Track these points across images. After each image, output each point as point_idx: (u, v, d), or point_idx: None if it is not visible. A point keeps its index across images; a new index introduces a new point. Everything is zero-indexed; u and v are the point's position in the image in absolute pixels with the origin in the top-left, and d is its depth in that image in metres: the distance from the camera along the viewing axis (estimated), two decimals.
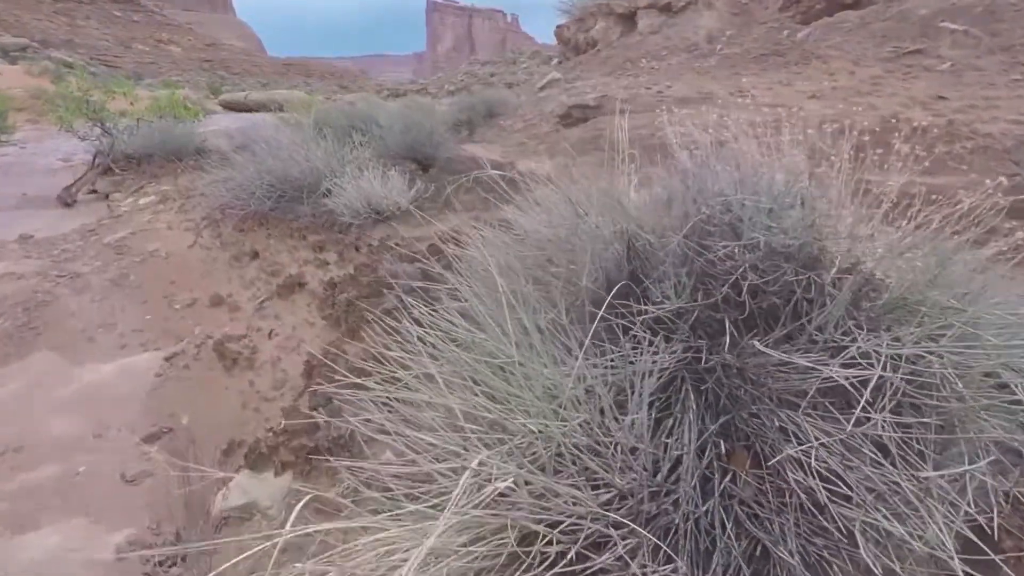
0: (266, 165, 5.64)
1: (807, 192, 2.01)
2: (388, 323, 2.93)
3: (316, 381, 2.76)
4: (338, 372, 2.84)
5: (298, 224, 5.09)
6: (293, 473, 2.38)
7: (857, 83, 9.85)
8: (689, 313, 1.77)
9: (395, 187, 4.95)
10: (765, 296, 1.75)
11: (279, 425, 2.57)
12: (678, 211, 2.15)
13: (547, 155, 12.12)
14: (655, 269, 1.89)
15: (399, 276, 3.49)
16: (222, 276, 5.26)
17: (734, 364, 1.65)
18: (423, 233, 4.68)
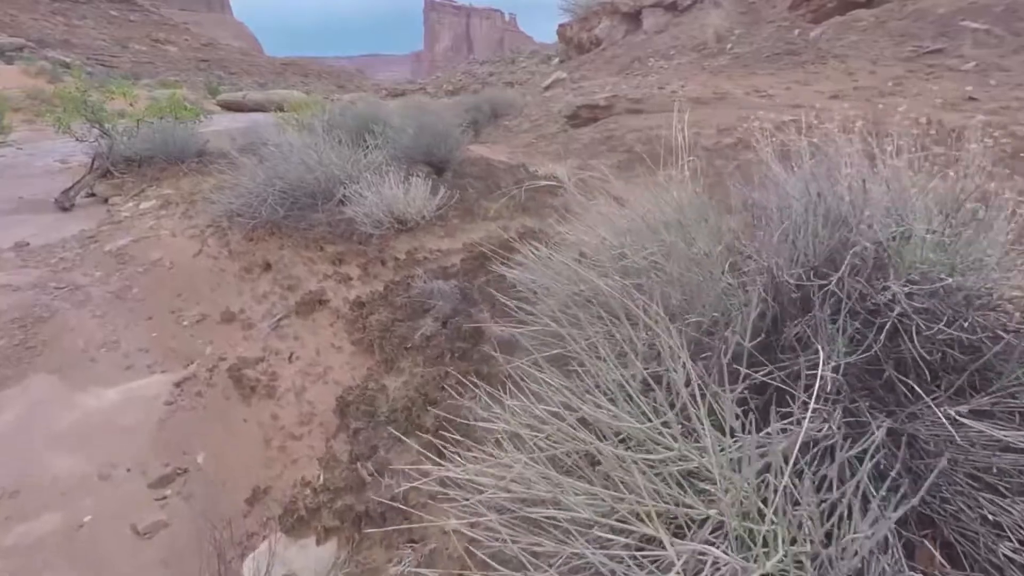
0: (277, 170, 5.30)
1: (981, 216, 1.67)
2: (430, 353, 2.59)
3: (352, 421, 2.42)
4: (379, 413, 2.51)
5: (314, 234, 4.75)
6: (339, 541, 2.05)
7: (879, 83, 9.55)
8: (848, 370, 1.44)
9: (419, 194, 4.61)
10: (937, 346, 1.42)
11: (317, 479, 2.23)
12: (804, 242, 1.81)
13: (558, 156, 11.78)
14: (802, 315, 1.54)
15: (435, 296, 3.15)
16: (232, 289, 4.91)
17: (908, 431, 1.32)
18: (451, 245, 4.34)
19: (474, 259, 3.70)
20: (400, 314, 2.97)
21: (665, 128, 10.09)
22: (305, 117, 12.69)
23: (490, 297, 3.11)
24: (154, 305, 5.05)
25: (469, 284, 3.27)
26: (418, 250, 4.08)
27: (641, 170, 9.52)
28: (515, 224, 4.75)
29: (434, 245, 4.24)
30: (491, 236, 4.38)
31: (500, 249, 3.95)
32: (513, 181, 6.84)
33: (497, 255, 3.82)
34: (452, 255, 4.05)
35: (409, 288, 3.29)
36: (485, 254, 3.76)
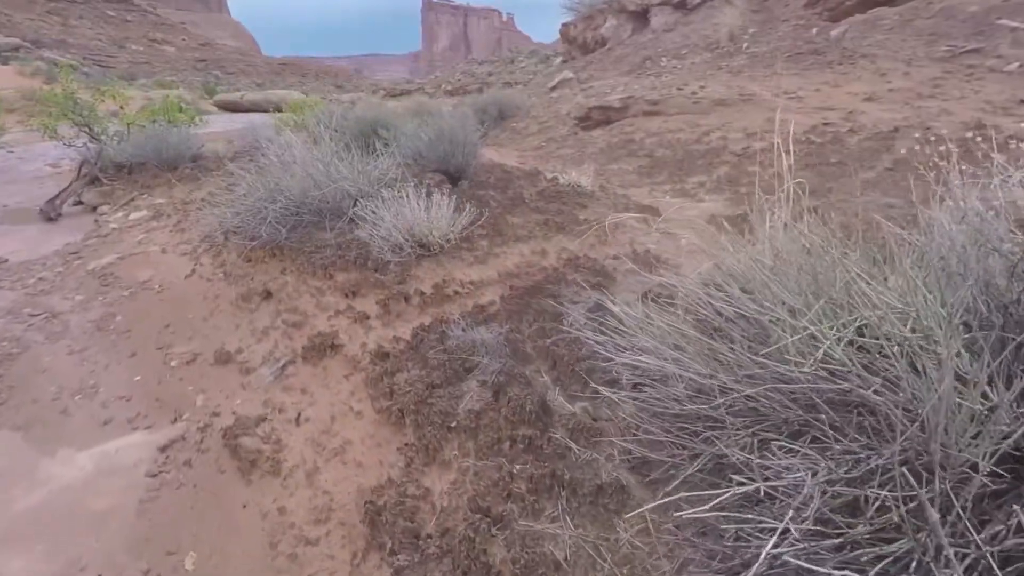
0: (278, 184, 4.65)
1: None
2: (483, 439, 1.97)
3: (387, 539, 1.80)
4: (424, 534, 1.88)
5: (321, 258, 4.11)
6: None
7: (915, 85, 8.95)
8: None
9: (443, 213, 3.97)
10: None
11: None
12: None
13: (573, 161, 11.14)
14: None
15: (478, 350, 2.52)
16: (228, 320, 4.27)
17: None
18: (484, 274, 3.71)
19: (517, 296, 3.08)
20: (436, 376, 2.36)
21: (687, 131, 9.38)
22: (305, 119, 12.03)
23: (548, 353, 2.49)
24: (139, 338, 4.41)
25: (518, 332, 2.65)
26: (447, 283, 3.45)
27: (665, 176, 8.89)
28: (552, 247, 4.13)
29: (464, 275, 3.61)
30: (529, 263, 3.75)
31: (547, 283, 3.33)
32: (536, 191, 6.21)
33: (544, 291, 3.20)
34: (488, 289, 3.42)
35: (444, 338, 2.66)
36: (530, 289, 3.14)
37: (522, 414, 1.94)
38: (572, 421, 1.91)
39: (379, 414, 2.46)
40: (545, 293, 3.03)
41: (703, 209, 6.98)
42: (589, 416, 1.98)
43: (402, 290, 3.39)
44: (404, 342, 2.91)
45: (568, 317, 2.66)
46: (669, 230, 5.93)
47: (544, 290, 3.07)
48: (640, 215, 6.19)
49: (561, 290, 3.03)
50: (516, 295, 3.10)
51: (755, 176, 7.44)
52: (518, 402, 1.96)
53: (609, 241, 4.47)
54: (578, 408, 2.03)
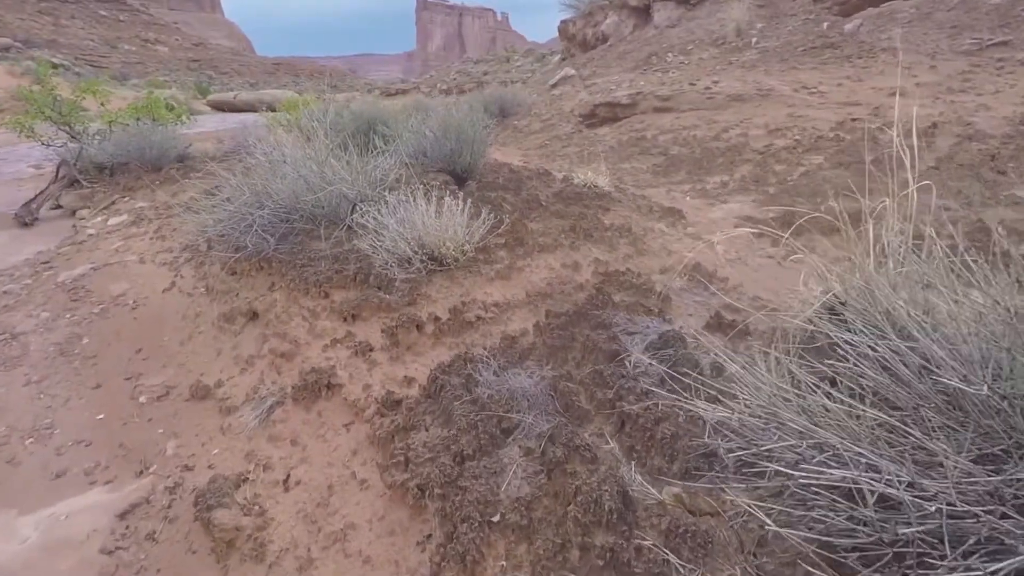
0: (266, 187, 4.06)
1: None
2: (540, 546, 1.41)
3: None
4: None
5: (315, 273, 3.52)
6: None
7: (943, 79, 8.42)
8: None
9: (457, 220, 3.39)
10: None
11: None
12: None
13: (582, 160, 10.56)
14: None
15: (516, 404, 1.94)
16: (208, 345, 3.68)
17: None
18: (510, 293, 3.12)
19: (557, 324, 2.50)
20: (465, 441, 1.78)
21: (703, 128, 8.74)
22: (299, 117, 11.41)
23: (612, 408, 1.92)
24: (106, 366, 3.80)
25: (566, 377, 2.07)
26: (467, 305, 2.86)
27: (683, 175, 8.31)
28: (583, 258, 3.55)
29: (486, 295, 3.03)
30: (561, 279, 3.18)
31: (590, 307, 2.74)
32: (551, 193, 5.63)
33: (588, 318, 2.62)
34: (516, 313, 2.84)
35: (470, 383, 2.08)
36: (572, 316, 2.56)
37: (597, 511, 1.37)
38: (665, 519, 1.35)
39: (391, 489, 1.88)
40: (590, 321, 2.46)
41: (729, 211, 6.42)
42: (685, 507, 1.42)
43: (412, 315, 2.80)
44: (419, 386, 2.33)
45: (628, 356, 2.09)
46: (699, 234, 5.37)
47: (588, 317, 2.50)
48: (667, 218, 5.63)
49: (609, 316, 2.47)
50: (555, 324, 2.52)
51: (783, 176, 6.89)
52: (590, 494, 1.39)
53: (645, 250, 3.90)
54: (668, 495, 1.47)
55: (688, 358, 2.07)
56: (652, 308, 2.66)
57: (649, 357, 2.08)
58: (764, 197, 6.52)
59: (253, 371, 3.17)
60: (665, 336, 2.23)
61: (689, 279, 3.34)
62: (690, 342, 2.26)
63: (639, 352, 2.14)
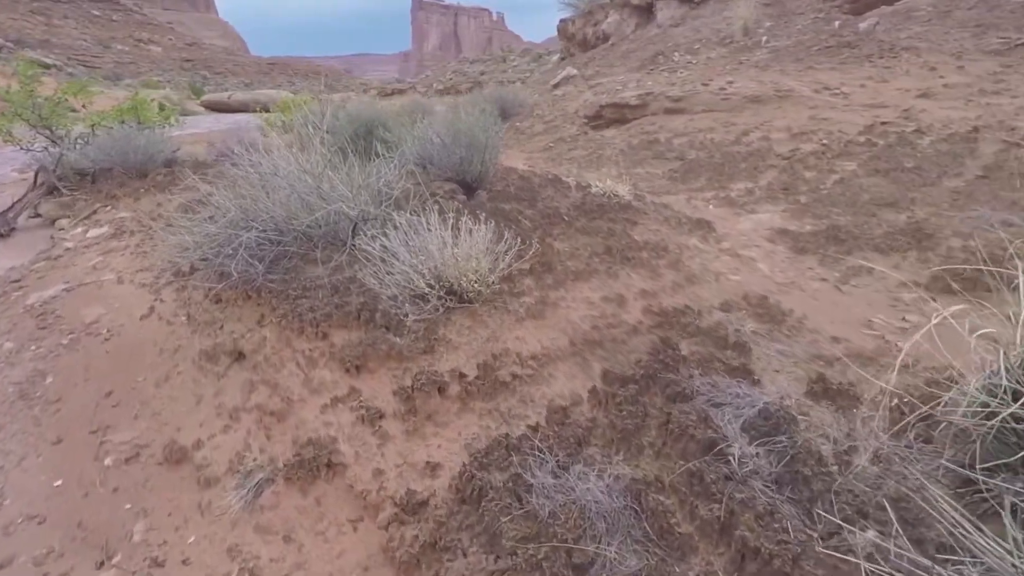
0: (255, 204, 3.52)
1: None
2: None
3: None
4: None
5: (311, 307, 2.99)
6: None
7: (973, 80, 7.95)
8: None
9: (477, 244, 2.86)
10: None
11: None
12: None
13: (591, 164, 10.04)
14: None
15: (587, 526, 1.43)
16: (187, 389, 3.14)
17: None
18: (547, 339, 2.60)
19: (621, 393, 1.97)
20: (509, 556, 1.27)
21: (720, 131, 8.15)
22: (294, 120, 10.84)
23: (719, 529, 1.41)
24: (71, 413, 3.26)
25: (650, 481, 1.56)
26: (498, 358, 2.34)
27: (703, 182, 7.77)
28: (624, 287, 3.03)
29: (518, 340, 2.50)
30: (606, 318, 2.66)
31: (659, 365, 2.22)
32: (570, 204, 5.12)
33: (658, 381, 2.10)
34: (560, 367, 2.32)
35: (519, 489, 1.56)
36: (638, 380, 2.04)
37: None
38: None
39: None
40: (664, 387, 1.95)
41: (758, 222, 5.92)
42: None
43: (432, 371, 2.27)
44: (447, 478, 1.81)
45: (729, 445, 1.58)
46: (735, 250, 4.86)
47: (658, 380, 2.00)
48: (698, 232, 5.12)
49: (685, 379, 1.96)
50: (618, 391, 2.00)
51: (814, 183, 6.40)
52: None
53: (692, 276, 3.38)
54: None
55: (808, 449, 1.57)
56: (733, 364, 2.15)
57: (756, 445, 1.58)
58: (796, 207, 6.02)
59: (238, 429, 2.64)
60: (767, 412, 1.72)
61: (755, 316, 2.83)
62: (800, 418, 1.75)
63: (738, 434, 1.63)
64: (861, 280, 4.10)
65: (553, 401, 2.09)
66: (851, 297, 3.79)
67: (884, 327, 3.27)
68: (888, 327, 3.27)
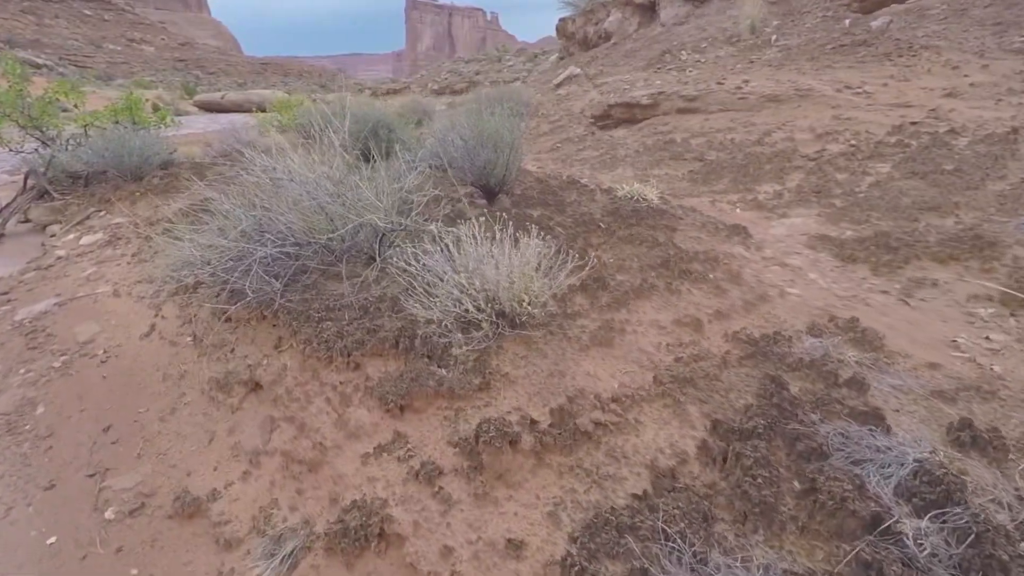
0: (269, 215, 3.15)
1: None
2: None
3: None
4: None
5: (338, 330, 2.62)
6: None
7: (999, 79, 7.67)
8: None
9: (529, 261, 2.50)
10: None
11: None
12: None
13: (601, 164, 9.69)
14: None
15: None
16: (196, 423, 2.77)
17: None
18: (622, 372, 2.24)
19: (738, 447, 1.61)
20: None
21: (740, 131, 7.75)
22: (294, 119, 10.41)
23: None
24: (65, 451, 2.88)
25: (807, 573, 1.21)
26: (575, 401, 1.96)
27: (726, 184, 7.42)
28: (693, 307, 2.68)
29: (590, 376, 2.14)
30: (685, 347, 2.30)
31: (773, 409, 1.86)
32: (600, 209, 4.77)
33: (775, 430, 1.75)
34: (647, 410, 1.95)
35: None
36: (757, 432, 1.68)
37: None
38: None
39: None
40: (789, 440, 1.60)
41: (792, 227, 5.59)
42: None
43: (497, 417, 1.90)
44: (537, 563, 1.45)
45: (897, 521, 1.25)
46: (779, 259, 4.53)
47: (777, 429, 1.65)
48: (735, 237, 4.79)
49: (809, 427, 1.61)
50: (736, 444, 1.65)
51: (848, 186, 6.08)
52: None
53: (762, 295, 3.03)
54: None
55: (989, 523, 1.23)
56: (854, 405, 1.81)
57: (926, 518, 1.24)
58: (831, 210, 5.69)
59: (259, 477, 2.27)
60: (927, 473, 1.38)
61: (851, 342, 2.49)
62: (963, 481, 1.41)
63: (894, 501, 1.29)
64: (926, 292, 3.77)
65: (655, 459, 1.73)
66: (922, 312, 3.46)
67: (972, 348, 2.93)
68: (976, 348, 2.94)
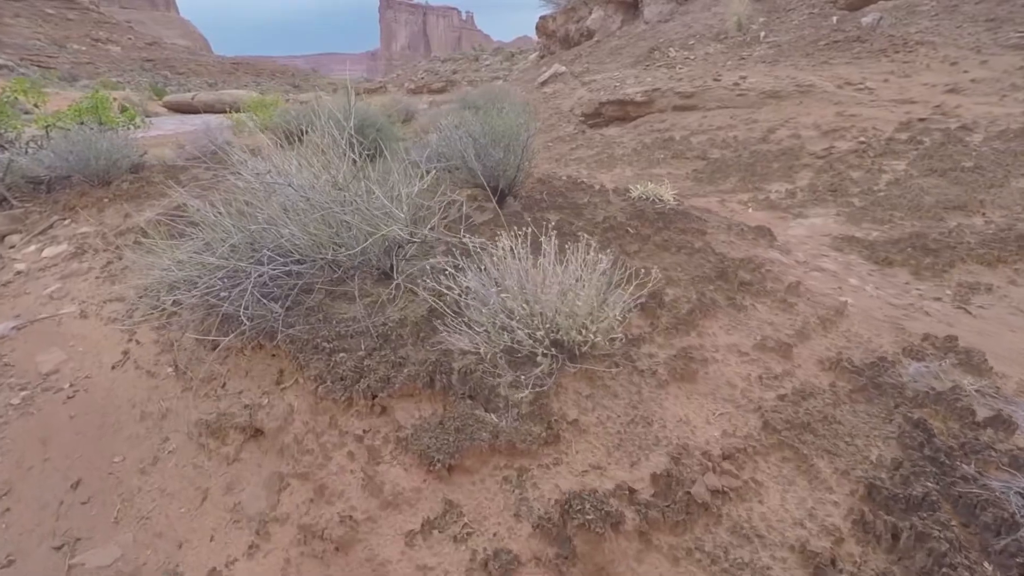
0: (267, 234, 2.68)
1: None
2: None
3: None
4: None
5: (357, 367, 2.19)
6: None
7: (1000, 75, 7.52)
8: None
9: (593, 279, 2.09)
10: None
11: None
12: None
13: (598, 164, 9.32)
14: None
15: None
16: (184, 477, 2.31)
17: None
18: (714, 418, 1.85)
19: (906, 522, 1.25)
20: None
21: (741, 128, 7.35)
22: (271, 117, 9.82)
23: None
24: (25, 515, 2.38)
25: None
26: (679, 461, 1.55)
27: (734, 183, 7.07)
28: (765, 327, 2.30)
29: (684, 427, 1.73)
30: (779, 377, 1.92)
31: (926, 462, 1.49)
32: (621, 212, 4.38)
33: (952, 495, 1.37)
34: (760, 468, 1.55)
35: None
36: (924, 495, 1.31)
37: None
38: None
39: None
40: (967, 510, 1.24)
41: (812, 227, 5.29)
42: None
43: (590, 489, 1.49)
44: None
45: None
46: (812, 263, 4.20)
47: (951, 496, 1.29)
48: (762, 240, 4.45)
49: (979, 488, 1.26)
50: (901, 517, 1.28)
51: (865, 185, 5.81)
52: None
53: (838, 313, 2.67)
54: None
55: None
56: (1009, 450, 1.46)
57: None
58: (850, 210, 5.40)
59: (271, 552, 1.83)
60: None
61: (958, 364, 2.14)
62: None
63: None
64: (983, 299, 3.47)
65: (802, 540, 1.33)
66: (986, 321, 3.15)
67: None
68: None
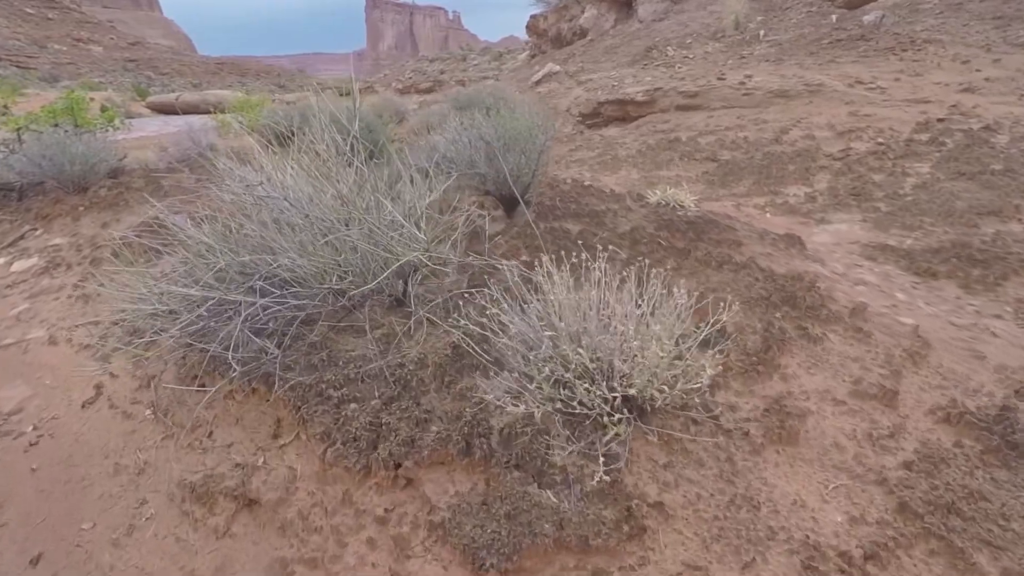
0: (262, 263, 2.28)
1: None
2: None
3: None
4: None
5: (374, 427, 1.79)
6: None
7: (1014, 74, 7.28)
8: None
9: (668, 320, 1.71)
10: None
11: None
12: None
13: (601, 166, 8.96)
14: None
15: None
16: (165, 553, 1.91)
17: None
18: (830, 497, 1.47)
19: None
20: None
21: (751, 128, 6.84)
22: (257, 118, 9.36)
23: None
24: None
25: None
26: (811, 566, 1.21)
27: (748, 186, 6.70)
28: (851, 364, 1.94)
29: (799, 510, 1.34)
30: (892, 434, 1.55)
31: None
32: (644, 220, 4.02)
33: None
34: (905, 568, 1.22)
35: None
36: None
37: None
38: None
39: None
40: None
41: (838, 234, 4.96)
42: None
43: None
44: None
45: None
46: (854, 275, 3.87)
47: None
48: (792, 249, 4.11)
49: None
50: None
51: (890, 189, 5.50)
52: None
53: (919, 340, 2.33)
54: None
55: None
56: None
57: None
58: (876, 215, 5.09)
59: None
60: None
61: None
62: None
63: None
64: None
65: None
66: None
67: None
68: None
